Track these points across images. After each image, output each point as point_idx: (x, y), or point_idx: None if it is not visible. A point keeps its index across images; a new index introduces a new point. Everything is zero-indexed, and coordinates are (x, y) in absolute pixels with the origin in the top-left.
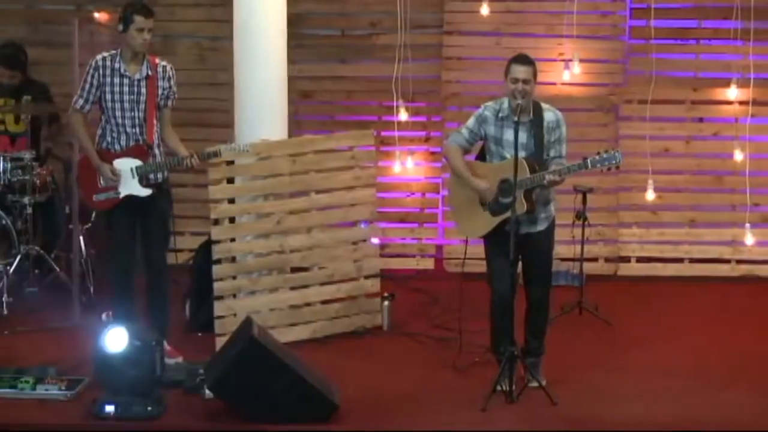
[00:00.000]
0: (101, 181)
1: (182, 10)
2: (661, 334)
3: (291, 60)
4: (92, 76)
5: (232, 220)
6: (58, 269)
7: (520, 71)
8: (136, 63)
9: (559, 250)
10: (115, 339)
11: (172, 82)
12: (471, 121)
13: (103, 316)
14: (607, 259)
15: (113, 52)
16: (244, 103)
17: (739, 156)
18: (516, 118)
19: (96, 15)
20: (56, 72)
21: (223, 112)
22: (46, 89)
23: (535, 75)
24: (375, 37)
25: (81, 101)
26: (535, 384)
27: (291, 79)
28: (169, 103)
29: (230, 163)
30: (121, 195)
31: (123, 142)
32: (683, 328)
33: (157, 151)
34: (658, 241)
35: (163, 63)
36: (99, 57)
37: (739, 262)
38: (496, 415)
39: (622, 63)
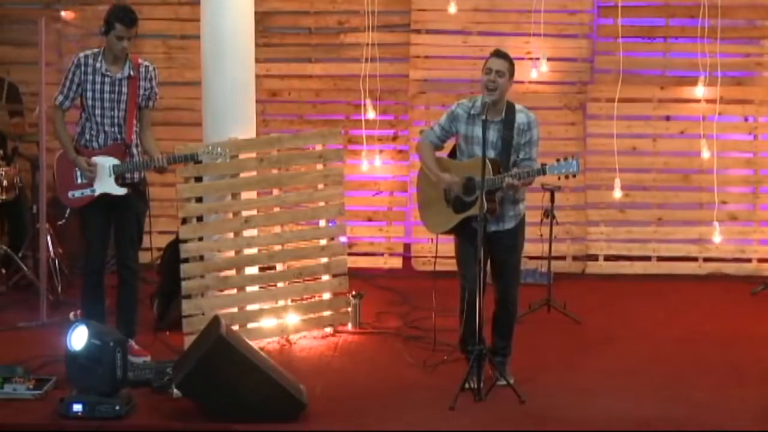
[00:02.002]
0: (78, 178)
1: (149, 8)
2: (629, 331)
3: (258, 59)
4: (74, 74)
5: (199, 218)
6: (25, 268)
7: (494, 63)
8: (119, 62)
9: (527, 248)
10: (78, 337)
11: (153, 83)
12: (443, 119)
13: (71, 315)
14: (574, 258)
15: (96, 50)
16: (212, 102)
17: (706, 154)
18: (484, 116)
19: (63, 14)
20: (23, 71)
21: (191, 110)
22: (14, 87)
23: (510, 72)
24: (343, 35)
25: (61, 98)
26: (503, 382)
27: (258, 78)
28: (150, 104)
29: (198, 161)
30: (97, 193)
31: (101, 141)
32: (651, 326)
33: (134, 151)
34: (625, 239)
35: (146, 63)
36: (81, 55)
37: (706, 260)
38: (464, 414)
39: (589, 61)
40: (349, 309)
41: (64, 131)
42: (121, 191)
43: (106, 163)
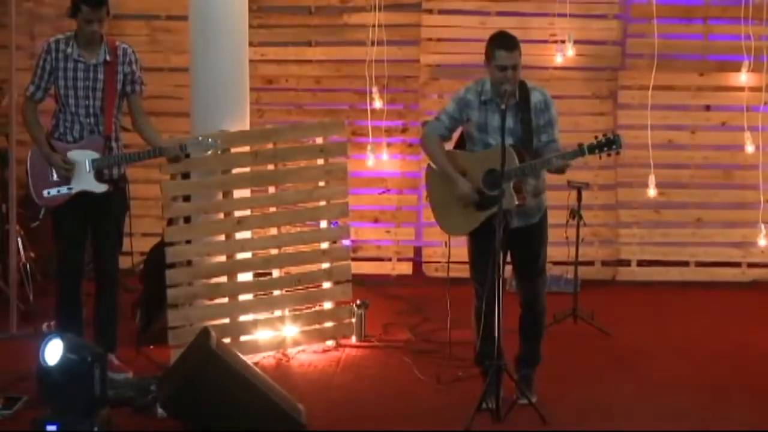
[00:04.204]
0: (53, 174)
1: None
2: (664, 345)
3: (252, 42)
4: (44, 61)
5: (187, 219)
6: None
7: (507, 57)
8: (93, 47)
9: (552, 252)
10: (52, 351)
11: (134, 66)
12: (451, 107)
13: (44, 326)
14: (604, 263)
15: (68, 34)
16: (202, 90)
17: (750, 148)
18: (504, 106)
19: None
20: None
21: (178, 99)
22: None
23: (521, 56)
24: (346, 16)
25: (32, 88)
26: (524, 401)
27: (253, 63)
28: (137, 88)
29: (187, 155)
30: (74, 190)
31: (76, 133)
32: (688, 339)
33: (114, 144)
34: (660, 242)
35: (124, 45)
36: (52, 39)
37: (750, 265)
38: None
39: (620, 45)
40: (353, 320)
41: (36, 124)
42: (102, 188)
43: (83, 157)
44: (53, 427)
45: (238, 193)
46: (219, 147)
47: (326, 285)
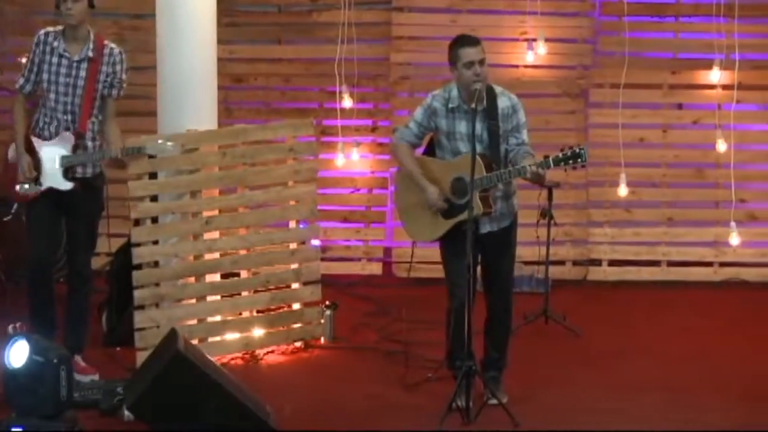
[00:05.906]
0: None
1: None
2: (635, 345)
3: (221, 40)
4: (34, 53)
5: (154, 220)
6: None
7: (473, 53)
8: (79, 42)
9: (523, 252)
10: (17, 353)
11: (118, 68)
12: (419, 114)
13: (10, 327)
14: (575, 263)
15: (59, 28)
16: (169, 89)
17: (722, 146)
18: (474, 105)
19: None
20: None
21: (145, 98)
22: None
23: (485, 53)
24: (316, 14)
25: (21, 80)
26: (495, 402)
27: (221, 62)
28: (114, 92)
29: (152, 155)
30: (43, 186)
31: (53, 129)
32: (660, 339)
33: (89, 143)
34: (632, 242)
35: (112, 45)
36: (42, 32)
37: (722, 264)
38: None
39: (591, 43)
40: (322, 321)
41: (20, 120)
42: (67, 186)
43: (55, 153)
44: (18, 430)
45: (207, 193)
46: (177, 149)
47: (295, 286)
